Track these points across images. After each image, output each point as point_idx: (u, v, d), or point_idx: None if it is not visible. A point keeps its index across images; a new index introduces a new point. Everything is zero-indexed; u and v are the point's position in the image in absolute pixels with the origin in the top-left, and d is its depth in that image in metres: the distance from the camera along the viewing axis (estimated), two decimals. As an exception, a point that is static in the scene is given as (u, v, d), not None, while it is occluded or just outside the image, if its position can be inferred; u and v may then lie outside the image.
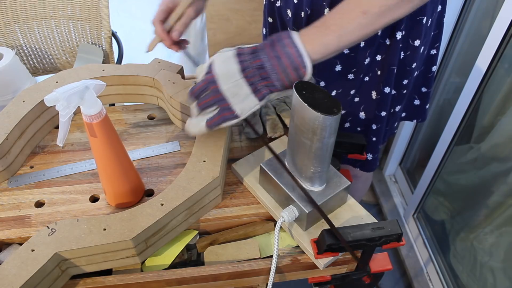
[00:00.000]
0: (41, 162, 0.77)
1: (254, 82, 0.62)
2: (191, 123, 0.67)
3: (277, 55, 0.60)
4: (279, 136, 0.83)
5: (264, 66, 0.61)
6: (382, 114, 0.97)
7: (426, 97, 1.03)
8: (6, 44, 1.26)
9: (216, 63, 0.63)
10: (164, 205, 0.63)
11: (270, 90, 0.62)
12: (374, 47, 0.88)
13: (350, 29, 0.61)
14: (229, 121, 0.64)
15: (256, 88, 0.62)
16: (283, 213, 0.64)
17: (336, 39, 0.61)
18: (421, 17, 0.85)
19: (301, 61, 0.60)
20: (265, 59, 0.61)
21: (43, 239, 0.59)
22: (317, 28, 0.61)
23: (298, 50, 0.60)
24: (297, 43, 0.60)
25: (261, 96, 0.63)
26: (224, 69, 0.62)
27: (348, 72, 0.92)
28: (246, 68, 0.62)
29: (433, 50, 0.95)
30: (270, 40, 0.62)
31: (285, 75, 0.61)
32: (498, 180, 1.22)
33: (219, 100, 0.63)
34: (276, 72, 0.61)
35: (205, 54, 1.73)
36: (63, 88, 0.54)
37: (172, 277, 0.63)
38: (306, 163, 0.63)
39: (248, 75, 0.62)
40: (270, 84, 0.62)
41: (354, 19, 0.60)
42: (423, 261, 1.60)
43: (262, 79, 0.62)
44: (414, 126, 1.71)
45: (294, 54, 0.60)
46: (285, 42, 0.60)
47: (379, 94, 0.94)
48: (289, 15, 0.91)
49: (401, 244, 0.63)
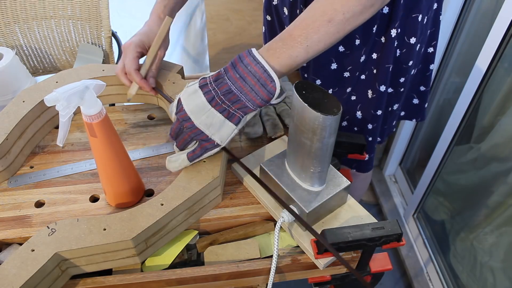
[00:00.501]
0: (41, 162, 0.77)
1: (225, 109, 0.62)
2: (170, 160, 0.68)
3: (242, 76, 0.60)
4: (279, 136, 0.83)
5: (231, 90, 0.61)
6: (378, 113, 0.97)
7: (425, 96, 1.03)
8: (6, 44, 1.26)
9: (183, 101, 0.64)
10: (164, 205, 0.63)
11: (244, 112, 0.63)
12: (369, 45, 0.88)
13: (316, 39, 0.60)
14: (210, 150, 0.66)
15: (229, 113, 0.63)
16: (283, 213, 0.64)
17: (303, 51, 0.61)
18: (416, 14, 0.85)
19: (267, 76, 0.59)
20: (230, 83, 0.61)
21: (43, 239, 0.59)
22: (283, 41, 0.61)
23: (262, 66, 0.59)
24: (259, 59, 0.60)
25: (236, 120, 0.64)
26: (192, 105, 0.63)
27: (344, 70, 0.92)
28: (213, 98, 0.62)
29: (430, 48, 0.96)
30: (232, 62, 0.62)
31: (254, 94, 0.61)
32: (498, 180, 1.22)
33: (196, 135, 0.65)
34: (245, 93, 0.61)
35: (205, 54, 1.73)
36: (63, 88, 0.54)
37: (172, 277, 0.63)
38: (306, 163, 0.63)
39: (217, 103, 0.62)
40: (241, 106, 0.62)
41: (320, 28, 0.60)
42: (423, 261, 1.60)
43: (232, 103, 0.62)
44: (414, 126, 1.71)
45: (258, 71, 0.59)
46: (247, 61, 0.60)
47: (375, 93, 0.94)
48: (285, 13, 0.92)
49: (401, 244, 0.63)
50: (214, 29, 1.56)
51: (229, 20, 1.54)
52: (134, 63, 0.78)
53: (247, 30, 1.58)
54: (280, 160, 0.71)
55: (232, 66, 0.62)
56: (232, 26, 1.56)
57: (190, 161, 0.67)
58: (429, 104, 1.61)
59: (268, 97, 0.61)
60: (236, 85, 0.61)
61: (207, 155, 0.67)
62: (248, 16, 1.54)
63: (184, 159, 0.67)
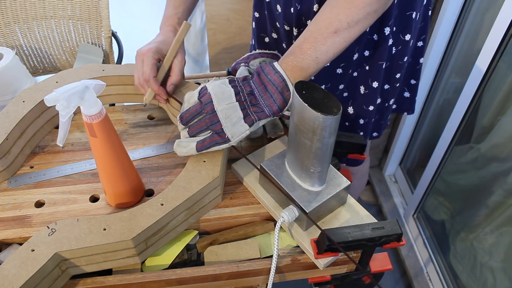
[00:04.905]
0: (41, 162, 0.77)
1: (245, 107, 0.66)
2: (180, 144, 0.69)
3: (263, 83, 0.67)
4: (279, 136, 0.83)
5: (254, 92, 0.67)
6: (370, 109, 0.99)
7: (415, 89, 1.06)
8: (6, 44, 1.26)
9: (210, 86, 0.67)
10: (164, 205, 0.63)
11: (259, 116, 0.67)
12: (362, 43, 0.89)
13: (324, 50, 0.66)
14: (219, 145, 0.68)
15: (247, 113, 0.67)
16: (283, 213, 0.64)
17: (313, 62, 0.66)
18: (410, 12, 0.86)
19: (285, 85, 0.65)
20: (254, 86, 0.67)
21: (43, 239, 0.59)
22: (295, 55, 0.66)
23: (280, 75, 0.65)
24: (279, 69, 0.66)
25: (250, 122, 0.67)
26: (219, 91, 0.66)
27: (337, 67, 0.93)
28: (238, 92, 0.66)
29: (420, 42, 0.97)
30: (256, 71, 0.68)
31: (272, 100, 0.66)
32: (498, 180, 1.22)
33: (213, 123, 0.66)
34: (264, 98, 0.66)
35: (205, 54, 1.73)
36: (63, 88, 0.54)
37: (172, 277, 0.63)
38: (306, 163, 0.64)
39: (241, 99, 0.67)
40: (259, 110, 0.67)
41: (327, 39, 0.65)
42: (423, 261, 1.60)
43: (252, 105, 0.67)
44: (414, 126, 1.71)
45: (277, 80, 0.65)
46: (268, 71, 0.67)
47: (368, 89, 0.96)
48: (278, 10, 0.92)
49: (401, 244, 0.63)
50: (214, 29, 1.56)
51: (229, 20, 1.54)
52: (153, 71, 0.76)
53: (247, 30, 1.58)
54: (280, 160, 0.71)
55: (256, 74, 0.68)
56: (232, 26, 1.56)
57: (197, 151, 0.68)
58: (429, 104, 1.62)
59: (283, 105, 0.66)
60: (258, 89, 0.67)
61: (215, 149, 0.68)
62: (248, 16, 1.54)
63: (192, 148, 0.68)
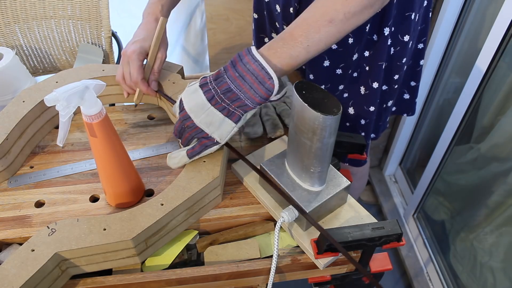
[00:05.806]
0: (41, 162, 0.77)
1: (225, 107, 0.64)
2: (171, 156, 0.69)
3: (241, 74, 0.62)
4: (279, 136, 0.83)
5: (230, 89, 0.62)
6: (371, 109, 0.98)
7: (415, 91, 1.05)
8: (6, 44, 1.26)
9: (184, 100, 0.66)
10: (164, 205, 0.63)
11: (244, 110, 0.64)
12: (362, 44, 0.89)
13: (317, 38, 0.61)
14: (210, 148, 0.67)
15: (229, 112, 0.64)
16: (283, 213, 0.64)
17: (304, 50, 0.61)
18: (409, 13, 0.86)
19: (265, 74, 0.60)
20: (229, 82, 0.62)
21: (43, 239, 0.59)
22: (284, 41, 0.62)
23: (260, 64, 0.60)
24: (257, 57, 0.60)
25: (236, 118, 0.65)
26: (192, 104, 0.64)
27: (336, 67, 0.93)
28: (212, 96, 0.63)
29: (420, 44, 0.97)
30: (232, 61, 0.63)
31: (253, 92, 0.62)
32: (498, 180, 1.22)
33: (197, 133, 0.66)
34: (244, 91, 0.62)
35: (205, 54, 1.73)
36: (63, 88, 0.54)
37: (172, 277, 0.63)
38: (306, 163, 0.63)
39: (217, 102, 0.63)
40: (241, 104, 0.63)
41: (321, 28, 0.61)
42: (423, 261, 1.60)
43: (232, 101, 0.63)
44: (414, 126, 1.71)
45: (256, 69, 0.60)
46: (246, 60, 0.61)
47: (368, 89, 0.95)
48: (278, 10, 0.92)
49: (401, 244, 0.63)
50: (214, 29, 1.56)
51: (229, 20, 1.54)
52: (140, 73, 0.79)
53: (247, 30, 1.58)
54: (280, 160, 0.71)
55: (232, 65, 0.62)
56: (232, 26, 1.56)
57: (189, 158, 0.67)
58: (429, 104, 1.62)
59: (266, 95, 0.62)
60: (235, 84, 0.62)
61: (207, 152, 0.68)
62: (248, 16, 1.54)
63: (183, 156, 0.67)
